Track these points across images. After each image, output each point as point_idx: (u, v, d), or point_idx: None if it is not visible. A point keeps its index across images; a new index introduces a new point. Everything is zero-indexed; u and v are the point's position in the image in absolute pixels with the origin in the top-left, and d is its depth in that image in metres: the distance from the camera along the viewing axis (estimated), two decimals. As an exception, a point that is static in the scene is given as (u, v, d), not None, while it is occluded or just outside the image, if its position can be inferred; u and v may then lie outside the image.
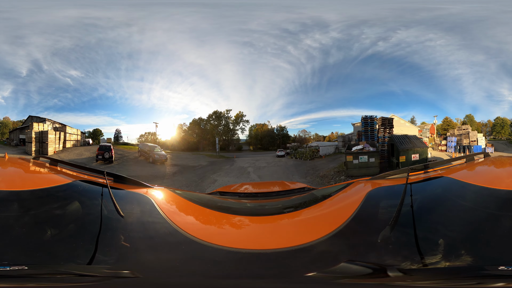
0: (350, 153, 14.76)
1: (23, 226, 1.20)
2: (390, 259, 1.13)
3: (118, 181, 1.98)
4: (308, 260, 1.17)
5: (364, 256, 1.16)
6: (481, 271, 0.99)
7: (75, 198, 1.52)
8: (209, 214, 1.77)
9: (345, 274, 1.06)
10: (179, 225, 1.39)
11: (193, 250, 1.23)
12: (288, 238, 1.38)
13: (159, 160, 22.73)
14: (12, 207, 1.26)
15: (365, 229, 1.35)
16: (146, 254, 1.20)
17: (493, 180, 1.55)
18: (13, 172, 1.81)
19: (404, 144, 15.07)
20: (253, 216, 1.78)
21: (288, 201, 2.27)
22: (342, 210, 1.56)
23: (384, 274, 0.99)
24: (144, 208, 1.61)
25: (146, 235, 1.33)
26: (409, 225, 1.22)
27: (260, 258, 1.21)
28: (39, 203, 1.36)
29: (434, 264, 1.05)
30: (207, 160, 31.85)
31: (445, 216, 1.30)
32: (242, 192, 2.76)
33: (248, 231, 1.56)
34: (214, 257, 1.20)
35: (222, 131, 49.28)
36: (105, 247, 1.16)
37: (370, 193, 1.62)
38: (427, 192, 1.57)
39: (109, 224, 1.33)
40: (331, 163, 24.35)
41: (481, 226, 1.20)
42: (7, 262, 0.96)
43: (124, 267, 1.08)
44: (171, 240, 1.30)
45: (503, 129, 39.33)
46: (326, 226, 1.35)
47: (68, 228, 1.27)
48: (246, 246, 1.27)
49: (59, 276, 0.97)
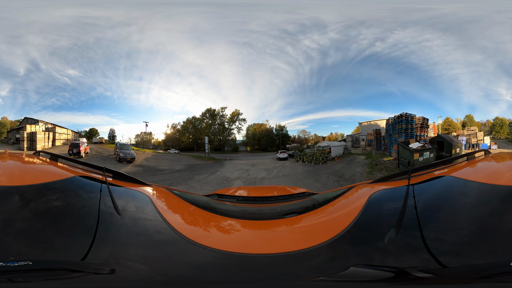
0: (416, 150, 14.80)
1: (24, 221, 1.20)
2: (401, 261, 1.12)
3: (117, 177, 1.99)
4: (311, 265, 1.15)
5: (374, 259, 1.15)
6: (497, 268, 0.99)
7: (74, 194, 1.53)
8: (205, 216, 1.77)
9: (354, 278, 1.03)
10: (175, 226, 1.39)
11: (186, 251, 1.23)
12: (286, 243, 1.36)
13: (124, 159, 23.91)
14: (14, 202, 1.27)
15: (370, 233, 1.33)
16: (139, 251, 1.20)
17: (494, 175, 1.55)
18: (14, 167, 1.81)
19: (451, 141, 17.58)
20: (250, 220, 1.76)
21: (287, 206, 2.24)
22: (345, 214, 1.53)
23: (403, 276, 0.98)
24: (141, 207, 1.62)
25: (142, 234, 1.33)
26: (415, 226, 1.21)
27: (254, 261, 1.19)
28: (39, 197, 1.36)
29: (450, 264, 1.04)
30: (187, 163, 28.32)
31: (450, 216, 1.29)
32: (241, 195, 2.72)
33: (244, 234, 1.55)
34: (203, 258, 1.19)
35: (217, 130, 46.27)
36: (100, 243, 1.17)
37: (372, 197, 1.60)
38: (430, 192, 1.56)
39: (105, 220, 1.32)
40: (352, 165, 21.48)
41: (485, 224, 1.19)
42: (13, 258, 0.97)
43: (112, 263, 1.09)
44: (164, 239, 1.31)
45: (502, 129, 40.30)
46: (328, 231, 1.33)
47: (65, 223, 1.28)
48: (241, 249, 1.26)
49: (55, 271, 0.99)
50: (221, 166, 25.80)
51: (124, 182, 1.96)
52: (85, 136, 39.24)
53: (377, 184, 1.92)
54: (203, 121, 46.79)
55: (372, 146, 27.64)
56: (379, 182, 1.96)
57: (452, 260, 1.06)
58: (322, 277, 1.07)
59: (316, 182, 16.36)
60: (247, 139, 50.31)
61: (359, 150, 30.63)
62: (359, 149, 31.07)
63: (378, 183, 1.93)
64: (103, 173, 1.81)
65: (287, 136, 50.33)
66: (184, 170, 23.34)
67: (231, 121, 48.86)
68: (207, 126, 47.60)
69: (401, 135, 18.56)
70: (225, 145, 48.42)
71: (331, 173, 19.32)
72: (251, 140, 49.60)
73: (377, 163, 19.16)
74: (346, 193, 1.94)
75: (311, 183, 15.91)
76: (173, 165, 26.89)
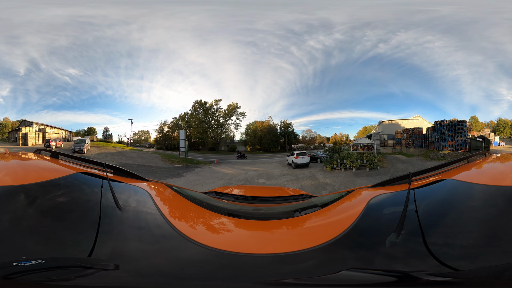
0: (481, 142, 19.11)
1: (31, 219, 1.21)
2: (403, 265, 1.10)
3: (118, 173, 2.02)
4: (300, 267, 1.14)
5: (373, 263, 1.13)
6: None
7: (77, 190, 1.54)
8: (202, 213, 1.77)
9: (343, 283, 1.01)
10: (172, 222, 1.40)
11: (181, 247, 1.24)
12: (279, 244, 1.35)
13: (74, 150, 26.02)
14: (19, 201, 1.27)
15: (369, 237, 1.31)
16: (138, 247, 1.21)
17: (498, 177, 1.53)
18: (17, 166, 1.81)
19: (487, 138, 24.21)
20: (246, 219, 1.75)
21: (284, 207, 2.23)
22: (343, 218, 1.51)
23: (409, 281, 0.96)
24: (141, 202, 1.63)
25: (141, 229, 1.34)
26: (416, 230, 1.20)
27: (243, 261, 1.18)
28: (44, 195, 1.37)
29: (461, 267, 1.02)
30: (140, 164, 22.82)
31: (455, 219, 1.27)
32: (239, 194, 2.70)
33: (238, 233, 1.54)
34: (194, 255, 1.20)
35: (210, 126, 39.02)
36: (103, 238, 1.17)
37: (372, 201, 1.58)
38: (431, 196, 1.54)
39: (107, 216, 1.33)
40: (416, 167, 15.83)
41: (494, 226, 1.17)
42: (25, 257, 0.96)
43: (116, 259, 1.09)
44: (162, 235, 1.32)
45: (505, 129, 42.10)
46: (325, 234, 1.31)
47: (70, 219, 1.28)
48: (233, 248, 1.25)
49: (67, 269, 0.99)
50: (183, 177, 18.24)
51: (125, 177, 1.97)
52: (83, 134, 39.93)
53: (377, 188, 1.91)
54: (192, 116, 40.22)
55: (401, 145, 28.10)
56: (379, 186, 1.93)
57: (461, 263, 1.03)
58: (309, 279, 1.05)
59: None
60: (247, 137, 43.65)
61: (388, 149, 27.81)
62: (388, 148, 28.08)
63: (378, 187, 1.91)
64: (103, 169, 1.82)
65: (293, 134, 43.92)
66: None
67: (227, 115, 40.24)
68: (193, 119, 38.44)
69: (460, 134, 24.18)
70: (219, 144, 40.28)
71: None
72: (251, 139, 42.97)
73: (438, 157, 20.85)
74: (345, 197, 1.92)
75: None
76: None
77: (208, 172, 20.78)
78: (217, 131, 40.60)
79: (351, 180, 15.84)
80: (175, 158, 27.54)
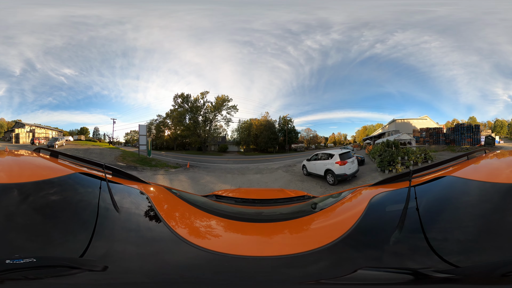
0: (493, 139, 23.36)
1: (24, 217, 1.20)
2: (407, 263, 1.11)
3: (117, 175, 1.99)
4: (309, 268, 1.13)
5: (379, 262, 1.13)
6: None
7: (74, 190, 1.52)
8: (202, 216, 1.75)
9: (362, 282, 1.01)
10: (172, 225, 1.39)
11: (180, 250, 1.23)
12: (283, 246, 1.34)
13: (49, 147, 26.92)
14: (13, 198, 1.26)
15: (373, 236, 1.32)
16: (134, 249, 1.20)
17: (493, 173, 1.56)
18: (13, 164, 1.79)
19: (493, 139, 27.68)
20: (247, 222, 1.73)
21: (286, 209, 2.22)
22: (345, 218, 1.51)
23: (417, 278, 0.97)
24: (139, 205, 1.63)
25: (138, 231, 1.34)
26: (417, 228, 1.20)
27: (247, 263, 1.17)
28: (38, 194, 1.35)
29: (459, 263, 1.03)
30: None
31: (452, 216, 1.28)
32: (239, 197, 2.68)
33: (239, 236, 1.53)
34: (195, 259, 1.19)
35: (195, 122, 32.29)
36: (98, 240, 1.16)
37: (373, 199, 1.58)
38: (431, 193, 1.55)
39: (104, 217, 1.32)
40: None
41: (488, 222, 1.19)
42: (18, 255, 0.96)
43: (107, 260, 1.08)
44: (160, 238, 1.31)
45: (502, 129, 44.56)
46: (328, 235, 1.31)
47: (65, 219, 1.26)
48: (235, 251, 1.24)
49: (54, 268, 0.99)
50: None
51: (124, 179, 1.96)
52: (77, 134, 41.01)
53: (378, 186, 1.91)
54: (174, 112, 33.42)
55: (419, 142, 30.08)
56: (380, 185, 1.94)
57: (460, 259, 1.05)
58: (323, 279, 1.04)
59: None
60: (240, 135, 35.61)
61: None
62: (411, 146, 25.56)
63: (379, 186, 1.92)
64: (102, 170, 1.81)
65: (294, 131, 37.21)
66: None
67: (216, 110, 32.42)
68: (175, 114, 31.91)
69: (476, 133, 28.47)
70: (206, 143, 32.50)
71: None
72: (245, 137, 34.86)
73: (462, 150, 23.67)
74: (346, 196, 1.92)
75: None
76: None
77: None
78: (203, 128, 33.04)
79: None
80: (134, 157, 23.05)
